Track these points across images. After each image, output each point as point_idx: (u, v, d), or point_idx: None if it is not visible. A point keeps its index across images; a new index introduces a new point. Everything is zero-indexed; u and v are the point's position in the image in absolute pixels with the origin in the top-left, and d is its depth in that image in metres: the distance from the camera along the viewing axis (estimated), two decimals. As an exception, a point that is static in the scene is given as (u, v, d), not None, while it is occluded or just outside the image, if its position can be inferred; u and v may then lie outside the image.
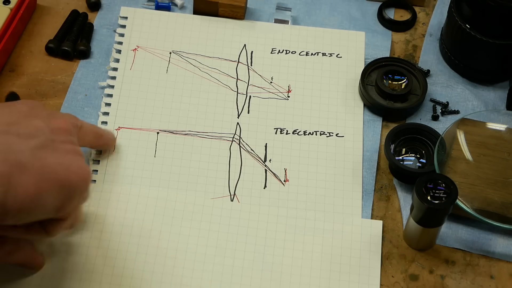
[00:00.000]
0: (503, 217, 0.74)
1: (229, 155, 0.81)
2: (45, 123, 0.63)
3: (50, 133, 0.63)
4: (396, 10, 0.95)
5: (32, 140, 0.60)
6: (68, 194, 0.61)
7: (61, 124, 0.65)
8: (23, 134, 0.60)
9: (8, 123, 0.61)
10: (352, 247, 0.74)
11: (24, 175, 0.58)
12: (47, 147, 0.61)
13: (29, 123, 0.62)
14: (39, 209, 0.59)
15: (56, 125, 0.65)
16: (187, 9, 0.93)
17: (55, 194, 0.60)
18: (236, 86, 0.86)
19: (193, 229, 0.74)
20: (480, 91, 0.88)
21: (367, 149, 0.82)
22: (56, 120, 0.65)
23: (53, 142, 0.62)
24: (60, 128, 0.65)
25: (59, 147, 0.63)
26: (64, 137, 0.64)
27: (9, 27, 0.86)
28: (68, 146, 0.64)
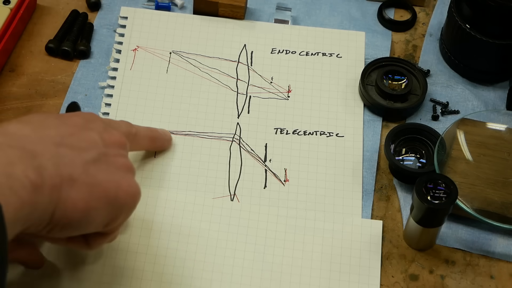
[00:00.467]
0: (503, 217, 0.74)
1: (229, 155, 0.81)
2: (100, 136, 0.63)
3: (104, 147, 0.62)
4: (396, 10, 0.95)
5: (85, 154, 0.60)
6: (116, 211, 0.61)
7: (115, 137, 0.64)
8: (77, 147, 0.60)
9: (62, 135, 0.60)
10: (352, 247, 0.74)
11: (74, 190, 0.57)
12: (99, 161, 0.61)
13: (84, 136, 0.61)
14: (86, 224, 0.59)
15: (110, 138, 0.64)
16: (187, 9, 0.93)
17: (103, 211, 0.60)
18: (236, 86, 0.86)
19: (193, 229, 0.74)
20: (480, 91, 0.88)
21: (367, 149, 0.82)
22: (111, 133, 0.64)
23: (106, 156, 0.62)
24: (115, 142, 0.64)
25: (111, 161, 0.62)
26: (117, 151, 0.64)
27: (9, 27, 0.86)
28: (120, 160, 0.63)
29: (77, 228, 0.59)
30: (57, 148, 0.58)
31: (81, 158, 0.59)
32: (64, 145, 0.59)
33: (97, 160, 0.60)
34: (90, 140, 0.61)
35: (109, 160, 0.62)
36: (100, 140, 0.62)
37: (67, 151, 0.58)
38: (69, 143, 0.59)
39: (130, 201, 0.62)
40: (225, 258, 0.73)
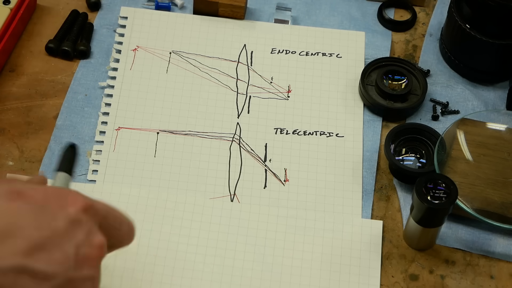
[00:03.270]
0: (503, 217, 0.74)
1: (229, 155, 0.81)
2: (75, 251, 0.53)
3: (73, 269, 0.52)
4: (396, 10, 0.95)
5: (47, 284, 0.51)
6: None
7: (94, 252, 0.54)
8: (40, 274, 0.50)
9: (29, 249, 0.50)
10: (352, 247, 0.74)
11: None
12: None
13: (55, 252, 0.52)
14: None
15: (88, 253, 0.54)
16: (187, 9, 0.93)
17: None
18: (236, 86, 0.86)
19: (193, 229, 0.74)
20: (480, 91, 0.88)
21: (367, 149, 0.82)
22: (92, 244, 0.54)
23: (70, 283, 0.52)
24: (91, 258, 0.54)
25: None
26: (87, 273, 0.54)
27: (9, 27, 0.86)
28: (86, 286, 0.54)
29: None
30: (16, 277, 0.49)
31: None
32: (26, 272, 0.50)
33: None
34: (60, 260, 0.52)
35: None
36: (74, 257, 0.52)
37: (26, 281, 0.50)
38: (33, 268, 0.50)
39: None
40: (225, 258, 0.73)
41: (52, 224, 0.52)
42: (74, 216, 0.53)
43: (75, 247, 0.53)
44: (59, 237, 0.52)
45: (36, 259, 0.50)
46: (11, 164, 0.79)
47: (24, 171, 0.78)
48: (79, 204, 0.54)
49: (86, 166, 0.79)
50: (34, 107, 0.83)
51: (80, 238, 0.53)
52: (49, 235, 0.52)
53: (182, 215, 0.75)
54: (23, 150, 0.80)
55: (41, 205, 0.53)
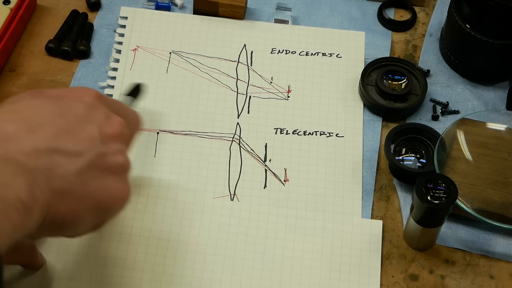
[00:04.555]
0: (503, 217, 0.74)
1: (229, 155, 0.81)
2: (99, 130, 0.59)
3: (102, 144, 0.59)
4: (396, 10, 0.95)
5: (80, 160, 0.57)
6: (104, 216, 0.60)
7: (116, 128, 0.61)
8: (72, 152, 0.56)
9: (57, 133, 0.56)
10: (352, 247, 0.74)
11: (64, 203, 0.55)
12: (94, 166, 0.58)
13: (81, 133, 0.58)
14: (74, 230, 0.58)
15: (110, 130, 0.60)
16: (187, 9, 0.93)
17: (92, 217, 0.58)
18: (236, 86, 0.86)
19: (193, 229, 0.75)
20: (480, 91, 0.88)
21: (367, 149, 0.82)
22: (112, 123, 0.61)
23: (102, 157, 0.59)
24: (114, 134, 0.61)
25: (106, 163, 0.59)
26: (115, 146, 0.60)
27: (9, 27, 0.86)
28: (117, 159, 0.60)
29: (65, 233, 0.58)
30: (51, 156, 0.55)
31: (74, 166, 0.56)
32: (59, 152, 0.56)
33: (92, 165, 0.58)
34: (88, 138, 0.58)
35: (104, 163, 0.59)
36: (99, 135, 0.59)
37: (61, 159, 0.56)
38: (64, 147, 0.56)
39: (119, 206, 0.61)
40: (225, 258, 0.73)
41: (73, 110, 0.59)
42: (90, 102, 0.60)
43: (98, 127, 0.59)
44: (81, 120, 0.59)
45: (65, 140, 0.56)
46: (11, 164, 0.78)
47: (24, 171, 0.78)
48: (92, 93, 0.62)
49: (86, 166, 0.79)
50: (34, 107, 0.83)
51: (100, 119, 0.60)
52: (72, 120, 0.58)
53: (182, 215, 0.75)
54: (23, 150, 0.80)
55: (60, 98, 0.60)
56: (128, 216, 0.75)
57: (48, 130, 0.56)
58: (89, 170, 0.57)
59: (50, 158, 0.55)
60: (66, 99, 0.60)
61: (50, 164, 0.55)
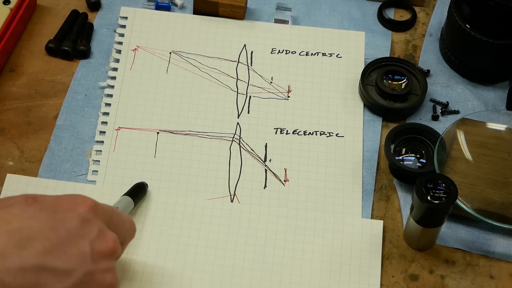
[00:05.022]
0: (503, 217, 0.74)
1: (229, 155, 0.81)
2: (91, 247, 0.57)
3: (92, 263, 0.56)
4: (396, 10, 0.95)
5: (68, 279, 0.54)
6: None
7: (108, 245, 0.58)
8: (61, 270, 0.54)
9: (47, 249, 0.54)
10: (352, 247, 0.74)
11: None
12: (81, 286, 0.55)
13: (72, 249, 0.55)
14: None
15: (102, 247, 0.58)
16: (187, 9, 0.93)
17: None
18: (236, 86, 0.86)
19: (193, 230, 0.74)
20: (480, 91, 0.88)
21: (367, 149, 0.82)
22: (105, 239, 0.58)
23: (91, 276, 0.56)
24: (106, 252, 0.58)
25: (94, 283, 0.57)
26: (105, 264, 0.58)
27: (9, 27, 0.86)
28: (106, 279, 0.58)
29: None
30: (38, 274, 0.52)
31: (61, 286, 0.54)
32: (47, 270, 0.53)
33: (79, 284, 0.55)
34: (78, 256, 0.55)
35: (92, 282, 0.56)
36: (90, 252, 0.56)
37: (48, 277, 0.53)
38: (53, 265, 0.53)
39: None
40: (225, 258, 0.73)
41: (66, 224, 0.56)
42: (84, 215, 0.58)
43: (90, 243, 0.56)
44: (73, 235, 0.56)
45: (54, 257, 0.53)
46: (11, 164, 0.79)
47: (24, 171, 0.78)
48: (87, 204, 0.58)
49: (86, 166, 0.79)
50: (34, 107, 0.83)
51: (93, 234, 0.57)
52: (64, 235, 0.55)
53: (182, 215, 0.75)
54: (23, 150, 0.80)
55: (54, 208, 0.57)
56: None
57: (38, 245, 0.53)
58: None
59: (37, 276, 0.53)
60: (60, 210, 0.57)
61: (36, 284, 0.52)
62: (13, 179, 0.77)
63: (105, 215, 0.60)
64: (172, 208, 0.76)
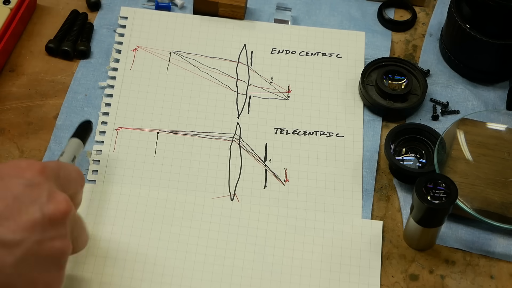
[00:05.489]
0: (503, 217, 0.74)
1: (229, 155, 0.81)
2: (41, 212, 0.54)
3: (41, 230, 0.54)
4: (396, 10, 0.95)
5: (18, 249, 0.52)
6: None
7: (59, 207, 0.55)
8: (10, 242, 0.51)
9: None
10: (352, 247, 0.74)
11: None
12: (31, 256, 0.53)
13: (22, 218, 0.53)
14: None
15: (53, 210, 0.55)
16: (187, 9, 0.93)
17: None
18: (236, 86, 0.86)
19: (193, 229, 0.74)
20: (480, 91, 0.88)
21: (367, 149, 0.82)
22: (55, 201, 0.55)
23: (39, 244, 0.54)
24: (57, 215, 0.55)
25: (43, 252, 0.54)
26: (56, 230, 0.55)
27: (9, 27, 0.86)
28: (55, 245, 0.55)
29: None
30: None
31: (12, 258, 0.51)
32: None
33: (29, 253, 0.53)
34: (28, 224, 0.53)
35: (42, 249, 0.54)
36: (41, 217, 0.54)
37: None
38: (2, 237, 0.51)
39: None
40: (225, 258, 0.73)
41: (14, 190, 0.53)
42: (32, 179, 0.54)
43: (40, 208, 0.53)
44: (21, 202, 0.53)
45: (3, 228, 0.51)
46: (11, 164, 0.79)
47: (24, 171, 0.78)
48: (34, 168, 0.55)
49: (86, 166, 0.79)
50: (34, 107, 0.83)
51: (43, 199, 0.54)
52: (11, 203, 0.52)
53: (182, 215, 0.75)
54: (23, 150, 0.80)
55: (0, 175, 0.54)
56: (128, 216, 0.75)
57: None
58: (26, 259, 0.53)
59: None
60: (6, 177, 0.54)
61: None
62: (13, 179, 0.77)
63: (53, 174, 0.57)
64: (172, 206, 0.76)
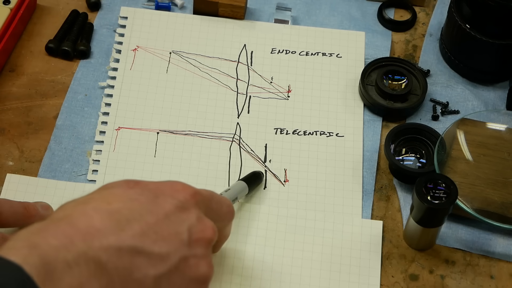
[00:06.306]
0: (503, 217, 0.74)
1: (229, 155, 0.81)
2: (188, 232, 0.55)
3: (188, 248, 0.55)
4: (396, 10, 0.95)
5: (162, 264, 0.53)
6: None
7: (206, 233, 0.57)
8: (156, 254, 0.53)
9: (144, 232, 0.53)
10: (352, 247, 0.74)
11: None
12: (174, 273, 0.54)
13: (171, 234, 0.54)
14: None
15: (200, 234, 0.56)
16: (187, 9, 0.93)
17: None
18: (236, 86, 0.86)
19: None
20: (480, 91, 0.88)
21: (367, 149, 0.82)
22: (203, 226, 0.57)
23: (185, 261, 0.55)
24: (203, 240, 0.56)
25: (189, 270, 0.55)
26: (201, 251, 0.56)
27: (9, 27, 0.86)
28: (200, 267, 0.56)
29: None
30: (133, 257, 0.51)
31: (155, 271, 0.53)
32: (142, 253, 0.52)
33: (173, 271, 0.54)
34: (175, 241, 0.54)
35: (186, 269, 0.55)
36: (188, 237, 0.55)
37: (142, 261, 0.52)
38: (149, 249, 0.52)
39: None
40: (224, 258, 0.73)
41: (166, 208, 0.55)
42: (184, 201, 0.57)
43: (188, 229, 0.55)
44: (172, 220, 0.55)
45: (151, 241, 0.53)
46: (11, 164, 0.79)
47: (24, 171, 0.78)
48: (188, 191, 0.58)
49: (86, 166, 0.79)
50: (34, 107, 0.83)
51: (191, 221, 0.56)
52: (163, 219, 0.54)
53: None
54: (23, 150, 0.80)
55: (155, 192, 0.56)
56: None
57: (136, 227, 0.53)
58: (168, 276, 0.54)
59: (132, 259, 0.52)
60: (161, 195, 0.57)
61: (130, 266, 0.51)
62: (13, 179, 0.77)
63: (204, 202, 0.60)
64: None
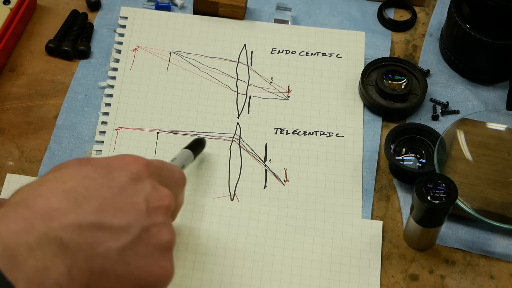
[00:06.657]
0: (503, 217, 0.74)
1: (229, 155, 0.81)
2: (146, 202, 0.56)
3: (147, 217, 0.56)
4: (396, 10, 0.95)
5: (124, 235, 0.54)
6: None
7: (163, 200, 0.58)
8: (117, 227, 0.53)
9: (102, 206, 0.53)
10: (352, 247, 0.74)
11: (103, 282, 0.52)
12: (138, 243, 0.55)
13: (128, 206, 0.55)
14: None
15: (157, 202, 0.57)
16: (187, 9, 0.93)
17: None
18: (236, 86, 0.86)
19: (193, 229, 0.74)
20: (480, 91, 0.88)
21: (367, 149, 0.82)
22: (159, 194, 0.58)
23: (147, 231, 0.55)
24: (161, 207, 0.58)
25: (151, 239, 0.56)
26: (161, 219, 0.57)
27: (9, 27, 0.86)
28: (162, 234, 0.57)
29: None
30: (94, 232, 0.52)
31: (118, 243, 0.53)
32: (103, 227, 0.53)
33: (136, 241, 0.54)
34: (134, 212, 0.55)
35: (149, 238, 0.56)
36: (145, 207, 0.56)
37: (104, 235, 0.53)
38: (109, 222, 0.53)
39: (160, 285, 0.57)
40: (224, 258, 0.73)
41: (120, 181, 0.56)
42: (137, 172, 0.58)
43: (145, 199, 0.56)
44: (127, 192, 0.56)
45: (110, 214, 0.53)
46: (11, 164, 0.79)
47: (24, 171, 0.78)
48: (139, 162, 0.59)
49: (86, 166, 0.79)
50: (34, 107, 0.83)
51: (147, 191, 0.57)
52: (119, 192, 0.55)
53: (183, 215, 0.75)
54: (23, 150, 0.80)
55: (107, 168, 0.57)
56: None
57: (93, 203, 0.53)
58: (132, 247, 0.54)
59: (93, 234, 0.52)
60: (113, 170, 0.57)
61: (92, 241, 0.52)
62: (13, 179, 0.77)
63: (157, 171, 0.60)
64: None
